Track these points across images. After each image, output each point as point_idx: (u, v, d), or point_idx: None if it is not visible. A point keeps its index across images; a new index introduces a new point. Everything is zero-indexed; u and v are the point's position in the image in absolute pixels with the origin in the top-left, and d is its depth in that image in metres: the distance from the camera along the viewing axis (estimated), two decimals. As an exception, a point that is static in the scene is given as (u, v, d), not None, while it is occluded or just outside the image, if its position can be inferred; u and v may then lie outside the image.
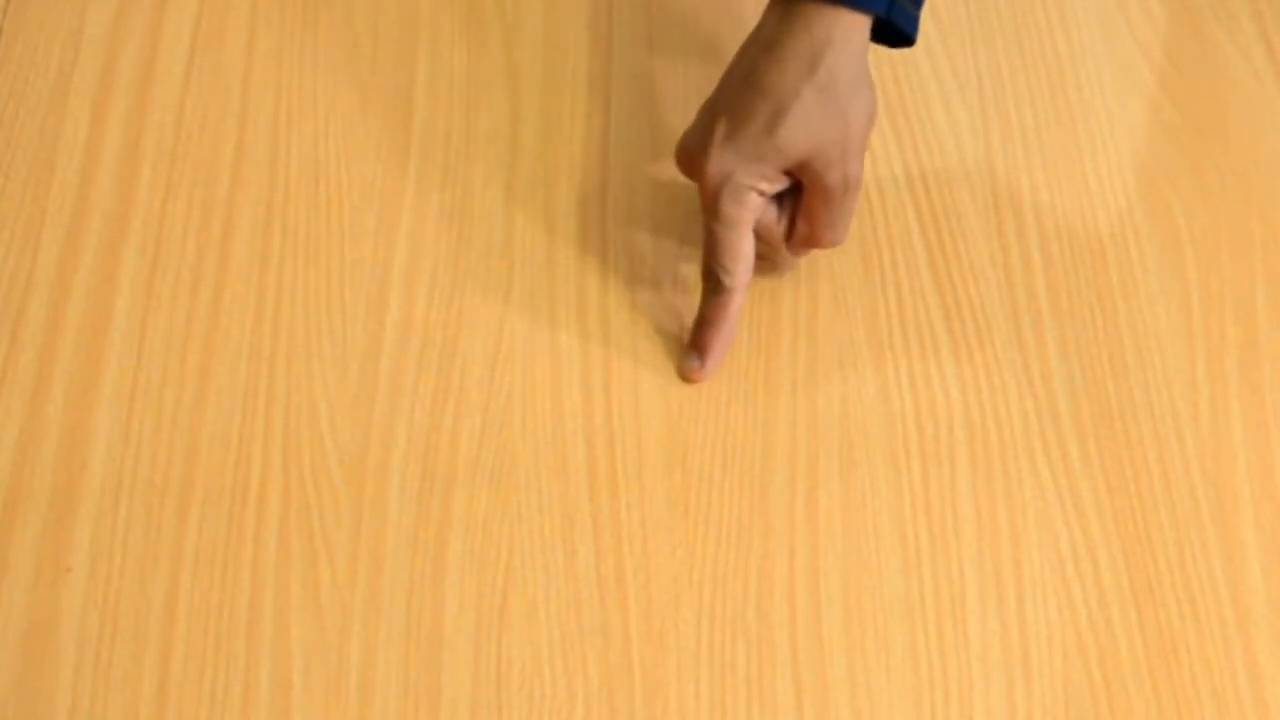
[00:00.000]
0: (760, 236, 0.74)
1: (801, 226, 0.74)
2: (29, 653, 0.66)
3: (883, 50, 0.87)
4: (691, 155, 0.73)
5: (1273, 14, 0.89)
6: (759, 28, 0.73)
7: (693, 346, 0.75)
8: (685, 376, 0.74)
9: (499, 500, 0.71)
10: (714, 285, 0.74)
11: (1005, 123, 0.84)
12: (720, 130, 0.71)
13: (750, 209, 0.72)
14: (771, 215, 0.74)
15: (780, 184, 0.72)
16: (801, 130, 0.70)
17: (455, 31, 0.87)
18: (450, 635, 0.67)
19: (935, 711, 0.66)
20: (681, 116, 0.83)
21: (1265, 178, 0.82)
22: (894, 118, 0.84)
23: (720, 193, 0.71)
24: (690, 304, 0.77)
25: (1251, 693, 0.66)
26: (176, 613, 0.67)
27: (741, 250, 0.73)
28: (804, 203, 0.73)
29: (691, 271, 0.78)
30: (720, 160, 0.71)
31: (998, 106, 0.85)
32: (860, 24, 0.70)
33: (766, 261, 0.76)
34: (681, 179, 0.81)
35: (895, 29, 0.72)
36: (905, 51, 0.87)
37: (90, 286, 0.77)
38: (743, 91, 0.71)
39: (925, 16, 0.89)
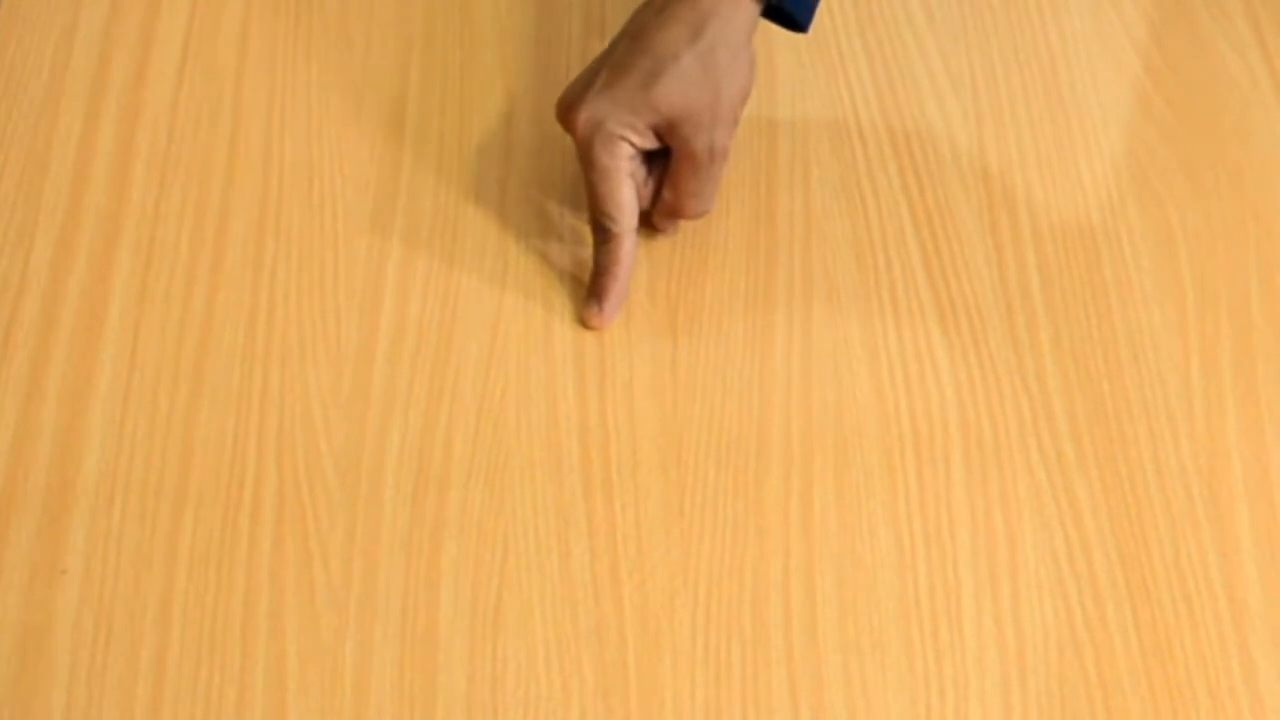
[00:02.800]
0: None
1: (667, 194, 0.76)
2: (24, 654, 0.66)
3: (877, 49, 0.88)
4: (567, 104, 0.75)
5: (1266, 12, 0.89)
6: None
7: (591, 294, 0.76)
8: (585, 322, 0.76)
9: (493, 500, 0.71)
10: (602, 234, 0.76)
11: (999, 121, 0.84)
12: (600, 81, 0.74)
13: (622, 157, 0.74)
14: (642, 174, 0.76)
15: (649, 142, 0.74)
16: (676, 90, 0.72)
17: (448, 31, 0.87)
18: (445, 636, 0.67)
19: (930, 710, 0.66)
20: (675, 115, 0.83)
21: (1259, 175, 0.82)
22: (888, 116, 0.84)
23: (593, 140, 0.74)
24: (685, 301, 0.77)
25: (1247, 690, 0.66)
26: (171, 614, 0.67)
27: (622, 197, 0.74)
28: (670, 169, 0.75)
29: (686, 271, 0.78)
30: (593, 107, 0.74)
31: (991, 105, 0.85)
32: (745, 6, 0.73)
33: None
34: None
35: (786, 13, 0.75)
36: (898, 49, 0.87)
37: (84, 287, 0.77)
38: (628, 49, 0.74)
39: (918, 14, 0.89)
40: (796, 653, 0.67)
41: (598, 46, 0.85)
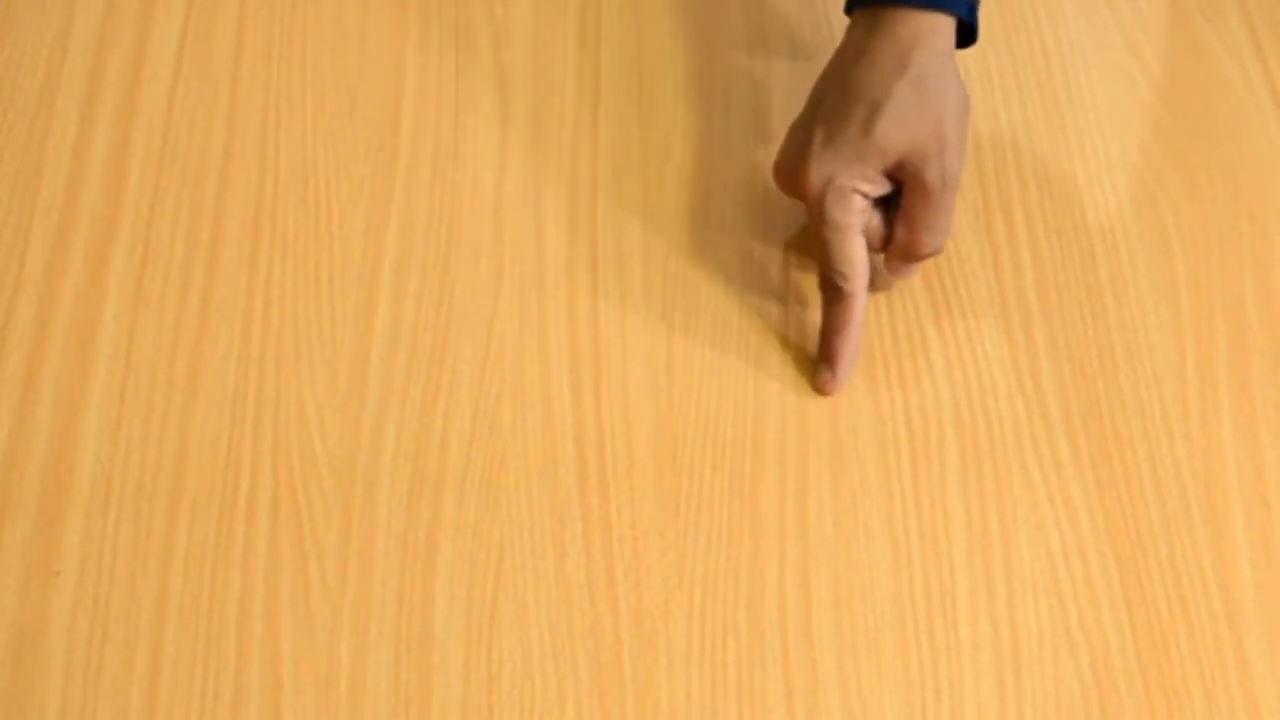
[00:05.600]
0: (867, 244, 0.74)
1: (900, 233, 0.73)
2: (18, 656, 0.66)
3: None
4: (791, 168, 0.73)
5: (1260, 13, 0.89)
6: (845, 43, 0.74)
7: (823, 359, 0.74)
8: (819, 389, 0.74)
9: (489, 502, 0.70)
10: (834, 293, 0.73)
11: (994, 121, 0.84)
12: (818, 138, 0.72)
13: (855, 211, 0.72)
14: (876, 220, 0.74)
15: (882, 187, 0.72)
16: (897, 127, 0.70)
17: (443, 32, 0.87)
18: (440, 637, 0.67)
19: (926, 711, 0.66)
20: (671, 118, 0.83)
21: (1253, 175, 0.82)
22: (883, 117, 0.84)
23: (824, 198, 0.72)
24: (683, 303, 0.77)
25: (1242, 690, 0.66)
26: (166, 615, 0.67)
27: (854, 254, 0.72)
28: (903, 207, 0.73)
29: (678, 269, 0.78)
30: (821, 166, 0.72)
31: (986, 105, 0.85)
32: (945, 25, 0.72)
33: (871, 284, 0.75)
34: (671, 181, 0.81)
35: (967, 29, 0.74)
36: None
37: (79, 289, 0.77)
38: (837, 99, 0.72)
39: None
40: (792, 653, 0.67)
41: (595, 46, 0.85)
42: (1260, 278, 0.79)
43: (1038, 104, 0.85)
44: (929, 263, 0.78)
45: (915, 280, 0.78)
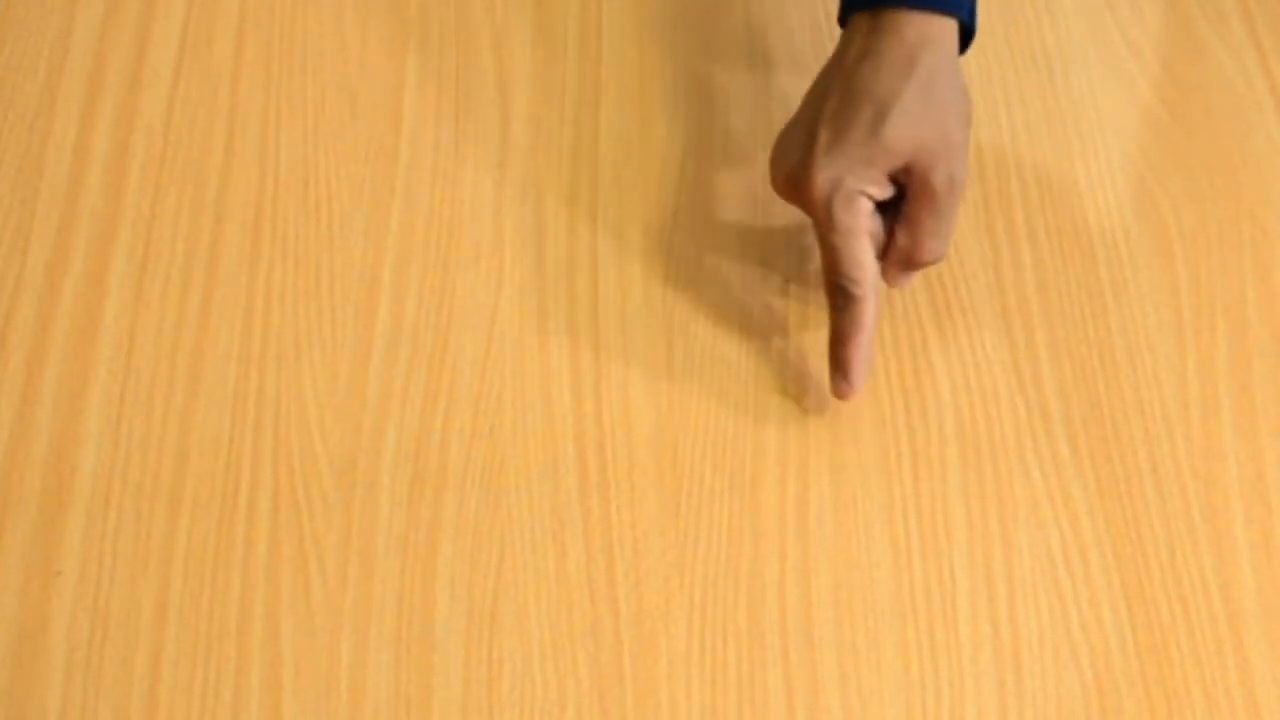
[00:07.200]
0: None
1: (902, 239, 0.71)
2: (19, 656, 0.66)
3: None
4: (792, 172, 0.72)
5: (1262, 14, 0.89)
6: (843, 47, 0.73)
7: (835, 366, 0.72)
8: (836, 395, 0.72)
9: (489, 502, 0.70)
10: (843, 299, 0.71)
11: (994, 123, 0.84)
12: (822, 140, 0.70)
13: (864, 214, 0.70)
14: (876, 226, 0.72)
15: (888, 190, 0.71)
16: (905, 129, 0.69)
17: (444, 32, 0.87)
18: (441, 638, 0.67)
19: (926, 711, 0.66)
20: (671, 117, 0.83)
21: (1254, 176, 0.82)
22: (884, 118, 0.84)
23: (832, 202, 0.70)
24: (681, 303, 0.77)
25: (1243, 691, 0.66)
26: (167, 615, 0.67)
27: (863, 258, 0.70)
28: (906, 212, 0.71)
29: (679, 270, 0.78)
30: (827, 168, 0.70)
31: (987, 107, 0.85)
32: (948, 27, 0.71)
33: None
34: (669, 181, 0.81)
35: (966, 32, 0.73)
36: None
37: (79, 289, 0.77)
38: (842, 101, 0.71)
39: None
40: (792, 654, 0.67)
41: (595, 46, 0.85)
42: (1261, 278, 0.79)
43: (1038, 104, 0.85)
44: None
45: (915, 282, 0.78)
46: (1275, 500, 0.71)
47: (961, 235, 0.79)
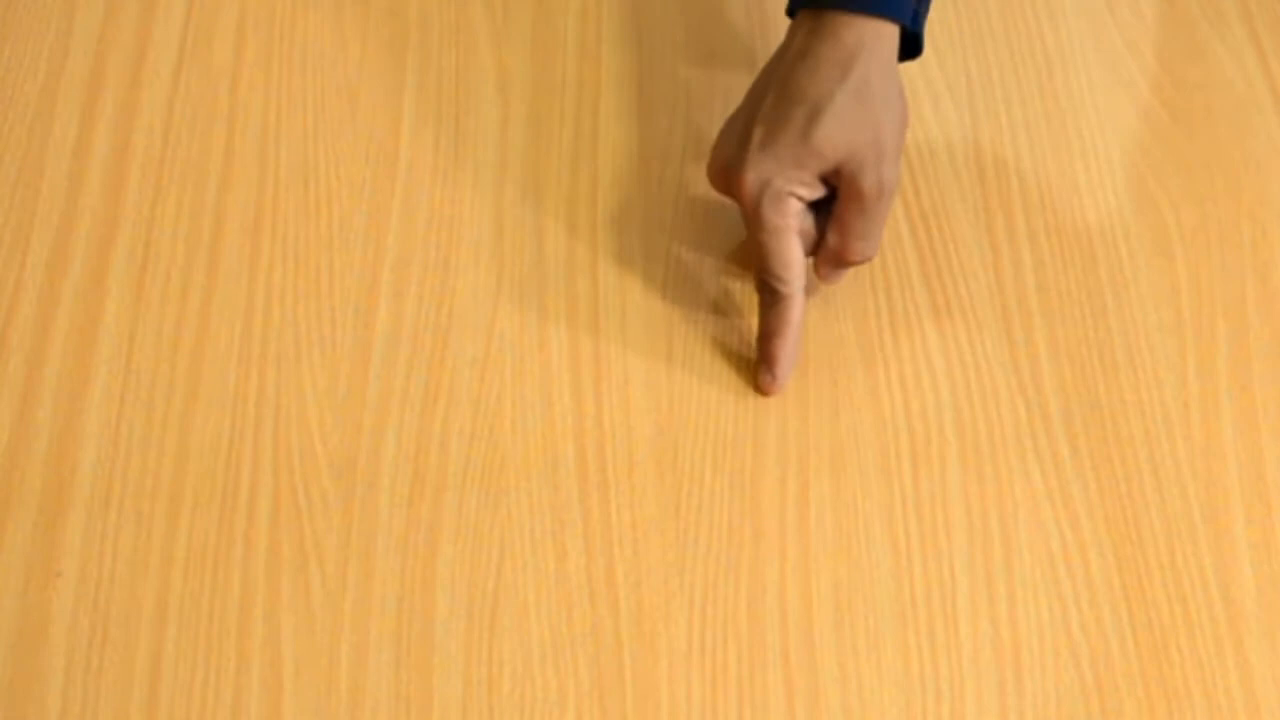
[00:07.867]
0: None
1: (832, 238, 0.73)
2: (19, 657, 0.66)
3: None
4: (726, 167, 0.73)
5: (1262, 14, 0.89)
6: (786, 42, 0.73)
7: (761, 361, 0.74)
8: (760, 390, 0.74)
9: (489, 503, 0.71)
10: (772, 296, 0.73)
11: (994, 123, 0.84)
12: (756, 138, 0.71)
13: (792, 214, 0.71)
14: (809, 224, 0.73)
15: (818, 191, 0.72)
16: (837, 132, 0.70)
17: (444, 33, 0.87)
18: (441, 638, 0.67)
19: (926, 712, 0.66)
20: (670, 118, 0.83)
21: (1254, 176, 0.82)
22: (883, 118, 0.84)
23: (761, 200, 0.71)
24: (684, 303, 0.77)
25: (1243, 691, 0.66)
26: (167, 616, 0.67)
27: (790, 257, 0.72)
28: (836, 212, 0.72)
29: (679, 270, 0.78)
30: (758, 167, 0.71)
31: (987, 107, 0.85)
32: (889, 32, 0.71)
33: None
34: (671, 181, 0.81)
35: (911, 39, 0.73)
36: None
37: (79, 290, 0.77)
38: (777, 99, 0.71)
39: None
40: (792, 654, 0.67)
41: (595, 47, 0.85)
42: (1261, 278, 0.79)
43: (1038, 104, 0.85)
44: (930, 264, 0.78)
45: (916, 282, 0.78)
46: (1275, 500, 0.71)
47: (961, 234, 0.79)
